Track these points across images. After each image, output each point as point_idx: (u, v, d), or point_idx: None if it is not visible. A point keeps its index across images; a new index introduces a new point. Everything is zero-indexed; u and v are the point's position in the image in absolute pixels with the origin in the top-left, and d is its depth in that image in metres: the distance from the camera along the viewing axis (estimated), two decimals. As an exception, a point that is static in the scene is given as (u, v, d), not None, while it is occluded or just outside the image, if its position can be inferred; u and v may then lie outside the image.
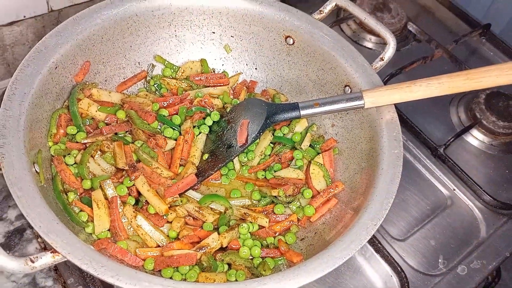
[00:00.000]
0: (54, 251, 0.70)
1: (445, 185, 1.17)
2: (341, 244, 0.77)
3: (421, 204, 1.13)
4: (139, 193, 0.92)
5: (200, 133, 1.03)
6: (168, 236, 0.90)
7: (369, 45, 1.43)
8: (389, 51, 1.04)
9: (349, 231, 0.79)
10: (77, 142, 0.94)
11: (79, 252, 0.69)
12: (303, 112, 0.95)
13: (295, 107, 0.95)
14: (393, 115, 0.94)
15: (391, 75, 1.28)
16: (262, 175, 1.03)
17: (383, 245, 1.03)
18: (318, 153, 1.04)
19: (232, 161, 1.02)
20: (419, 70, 1.32)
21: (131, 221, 0.88)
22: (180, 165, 0.98)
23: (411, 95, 0.91)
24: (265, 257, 0.90)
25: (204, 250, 0.86)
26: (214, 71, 1.16)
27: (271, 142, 1.06)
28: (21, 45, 1.19)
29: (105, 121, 0.99)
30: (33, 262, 0.68)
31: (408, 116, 1.23)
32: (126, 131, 0.99)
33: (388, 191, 0.83)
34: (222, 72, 1.16)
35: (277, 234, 0.94)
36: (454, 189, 1.16)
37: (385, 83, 1.23)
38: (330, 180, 1.00)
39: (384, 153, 0.89)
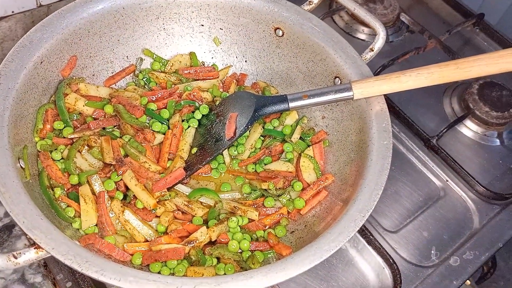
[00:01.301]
0: (37, 247, 0.69)
1: (438, 176, 1.16)
2: (329, 236, 0.76)
3: (414, 195, 1.12)
4: (127, 188, 0.91)
5: (189, 127, 1.02)
6: (156, 230, 0.89)
7: (362, 36, 1.42)
8: (379, 42, 1.02)
9: (338, 223, 0.78)
10: (64, 137, 0.94)
11: (63, 248, 0.69)
12: (291, 104, 0.94)
13: (283, 99, 0.95)
14: (383, 106, 0.93)
15: (383, 66, 1.27)
16: (253, 168, 1.02)
17: (375, 237, 1.03)
18: (308, 146, 1.03)
19: (222, 155, 1.02)
20: (412, 61, 1.31)
21: (119, 216, 0.88)
22: (169, 159, 0.97)
23: (401, 86, 0.90)
24: (254, 250, 0.89)
25: (193, 244, 0.86)
26: (204, 64, 1.15)
27: (261, 135, 1.05)
28: (11, 40, 1.18)
29: (93, 116, 0.99)
30: (16, 258, 0.68)
31: (400, 107, 1.22)
32: (114, 126, 0.99)
33: (377, 183, 0.82)
34: (212, 65, 1.15)
35: (267, 227, 0.94)
36: (447, 180, 1.15)
37: (378, 74, 1.22)
38: (320, 172, 0.99)
39: (374, 144, 0.88)
